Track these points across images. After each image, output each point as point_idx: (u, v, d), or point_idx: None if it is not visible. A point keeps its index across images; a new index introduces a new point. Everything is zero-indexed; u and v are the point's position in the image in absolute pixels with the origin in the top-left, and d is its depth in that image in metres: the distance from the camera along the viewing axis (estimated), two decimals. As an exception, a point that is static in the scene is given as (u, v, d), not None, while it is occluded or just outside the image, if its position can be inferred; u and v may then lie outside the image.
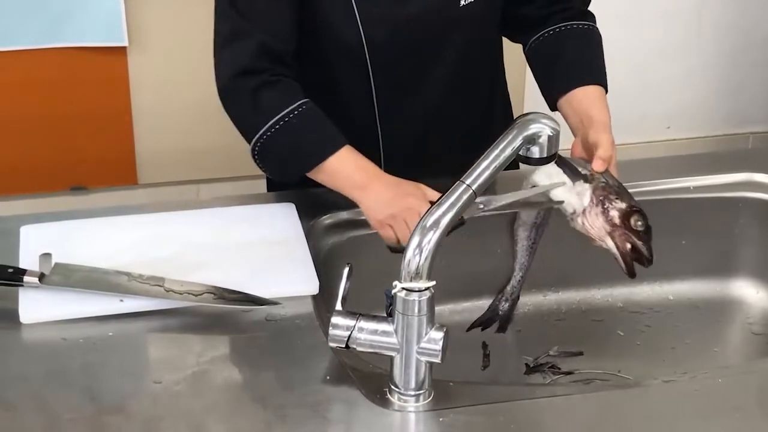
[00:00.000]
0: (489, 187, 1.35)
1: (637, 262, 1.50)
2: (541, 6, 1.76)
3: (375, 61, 1.70)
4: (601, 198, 1.50)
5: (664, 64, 3.15)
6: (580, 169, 1.52)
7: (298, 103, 1.62)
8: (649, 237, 1.50)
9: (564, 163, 1.51)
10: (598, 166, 1.52)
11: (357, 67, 1.71)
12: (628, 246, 1.49)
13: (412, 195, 1.53)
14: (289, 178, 1.69)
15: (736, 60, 3.24)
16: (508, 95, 1.95)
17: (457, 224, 1.50)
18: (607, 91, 1.70)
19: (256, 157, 1.66)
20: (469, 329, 1.67)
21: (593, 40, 1.77)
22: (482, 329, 1.66)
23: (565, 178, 1.51)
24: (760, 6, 3.19)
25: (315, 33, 1.67)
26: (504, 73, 1.92)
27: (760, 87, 3.29)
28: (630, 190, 1.71)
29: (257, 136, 1.63)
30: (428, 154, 1.77)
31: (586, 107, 1.65)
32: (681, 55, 3.19)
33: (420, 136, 1.79)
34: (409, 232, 1.35)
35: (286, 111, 1.61)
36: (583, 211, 1.51)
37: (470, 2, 1.68)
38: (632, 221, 1.49)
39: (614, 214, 1.49)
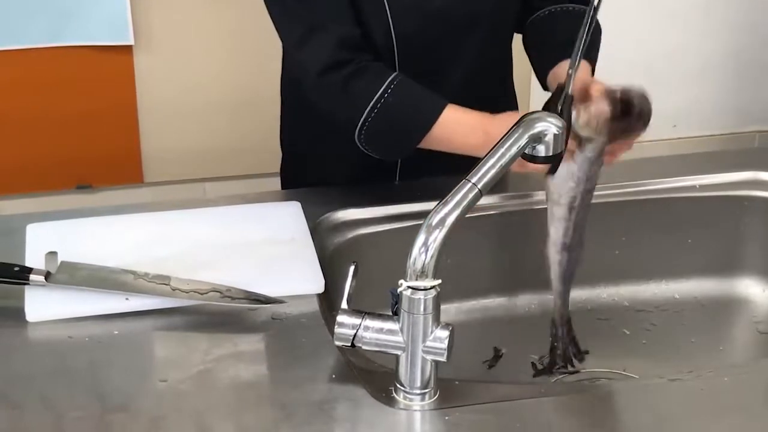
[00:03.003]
0: (500, 181, 1.35)
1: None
2: None
3: (402, 53, 1.71)
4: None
5: (671, 62, 3.14)
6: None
7: (389, 81, 1.62)
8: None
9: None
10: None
11: (384, 58, 1.71)
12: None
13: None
14: (399, 156, 1.71)
15: (743, 59, 3.23)
16: (515, 92, 1.96)
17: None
18: (594, 71, 1.70)
19: (362, 142, 1.66)
20: (538, 375, 1.65)
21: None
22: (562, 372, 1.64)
23: None
24: (767, 5, 3.19)
25: None
26: (512, 70, 1.92)
27: (766, 86, 3.28)
28: (636, 189, 1.71)
29: (359, 125, 1.63)
30: (442, 156, 1.77)
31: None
32: (687, 53, 3.18)
33: None
34: None
35: (378, 93, 1.62)
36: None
37: None
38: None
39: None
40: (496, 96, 1.85)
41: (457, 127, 1.62)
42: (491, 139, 1.47)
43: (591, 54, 1.71)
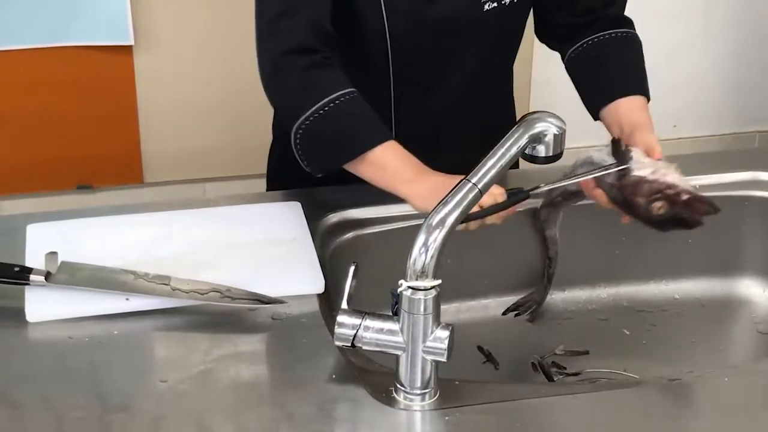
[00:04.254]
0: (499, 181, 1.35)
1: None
2: (573, 13, 1.77)
3: (396, 56, 1.70)
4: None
5: (671, 62, 3.15)
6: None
7: (349, 89, 1.59)
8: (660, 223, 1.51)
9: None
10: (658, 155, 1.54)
11: (377, 60, 1.71)
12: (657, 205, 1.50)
13: None
14: (328, 168, 1.63)
15: (743, 59, 3.24)
16: (514, 108, 1.96)
17: (522, 196, 1.51)
18: (649, 100, 1.71)
19: (297, 141, 1.60)
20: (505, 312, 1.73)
21: (633, 47, 1.77)
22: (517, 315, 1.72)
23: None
24: (767, 5, 3.19)
25: (339, 21, 1.67)
26: (513, 76, 1.92)
27: (766, 86, 3.28)
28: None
29: (304, 116, 1.58)
30: (440, 152, 1.77)
31: (628, 116, 1.66)
32: (688, 53, 3.18)
33: (433, 133, 1.79)
34: None
35: (337, 93, 1.58)
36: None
37: (493, 7, 1.69)
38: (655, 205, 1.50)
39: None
40: (496, 101, 1.85)
41: (395, 158, 1.57)
42: (422, 180, 1.51)
43: (641, 85, 1.72)
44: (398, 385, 1.32)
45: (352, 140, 1.59)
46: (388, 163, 1.57)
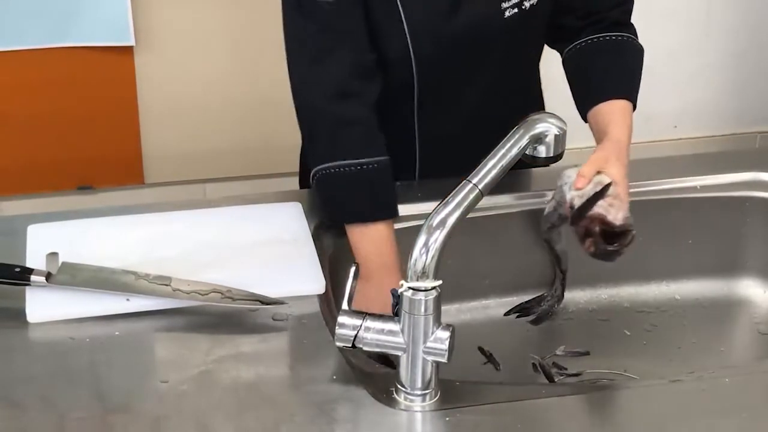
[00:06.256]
0: (499, 187, 1.35)
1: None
2: (579, 16, 1.76)
3: (420, 72, 1.70)
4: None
5: (672, 63, 3.14)
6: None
7: (373, 159, 1.62)
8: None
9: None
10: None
11: (401, 73, 1.70)
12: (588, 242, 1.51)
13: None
14: (331, 217, 1.68)
15: (744, 59, 3.23)
16: (543, 101, 1.95)
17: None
18: (635, 107, 1.69)
19: (313, 181, 1.65)
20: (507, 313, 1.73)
21: (626, 51, 1.75)
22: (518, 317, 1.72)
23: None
24: (768, 5, 3.19)
25: None
26: (540, 81, 1.91)
27: (767, 86, 3.28)
28: (637, 190, 1.71)
29: (323, 165, 1.62)
30: (464, 157, 1.76)
31: (606, 122, 1.65)
32: (688, 54, 3.18)
33: (457, 139, 1.78)
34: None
35: (362, 160, 1.61)
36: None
37: (514, 13, 1.68)
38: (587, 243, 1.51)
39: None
40: (519, 105, 1.84)
41: (369, 244, 1.60)
42: (370, 282, 1.54)
43: (626, 89, 1.71)
44: (399, 386, 1.32)
45: (357, 206, 1.62)
46: (360, 246, 1.60)
